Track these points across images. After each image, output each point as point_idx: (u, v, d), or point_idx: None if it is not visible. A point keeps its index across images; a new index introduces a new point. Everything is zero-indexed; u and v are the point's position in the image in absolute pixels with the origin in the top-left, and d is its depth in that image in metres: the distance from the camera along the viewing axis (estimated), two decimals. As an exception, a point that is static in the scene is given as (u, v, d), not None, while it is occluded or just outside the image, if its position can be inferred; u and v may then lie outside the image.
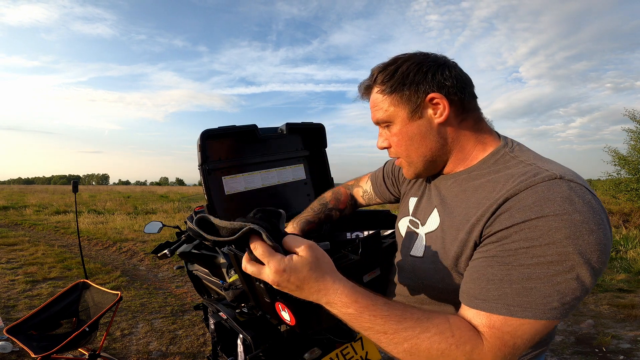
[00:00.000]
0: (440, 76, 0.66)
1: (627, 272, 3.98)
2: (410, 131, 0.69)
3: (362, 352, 1.33)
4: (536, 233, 0.52)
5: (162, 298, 3.49)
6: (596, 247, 0.51)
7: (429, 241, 0.73)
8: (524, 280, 0.53)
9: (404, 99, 0.67)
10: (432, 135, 0.68)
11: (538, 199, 0.54)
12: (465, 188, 0.68)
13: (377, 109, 0.71)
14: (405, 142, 0.70)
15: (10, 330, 1.96)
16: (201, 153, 1.20)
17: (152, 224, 2.08)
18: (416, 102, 0.67)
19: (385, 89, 0.69)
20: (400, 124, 0.69)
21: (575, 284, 0.51)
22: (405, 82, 0.67)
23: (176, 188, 35.70)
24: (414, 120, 0.68)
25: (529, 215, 0.54)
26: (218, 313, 1.49)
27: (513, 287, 0.53)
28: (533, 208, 0.54)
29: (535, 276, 0.52)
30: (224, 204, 1.29)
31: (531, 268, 0.52)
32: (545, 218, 0.52)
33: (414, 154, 0.71)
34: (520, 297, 0.53)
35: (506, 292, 0.54)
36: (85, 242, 6.24)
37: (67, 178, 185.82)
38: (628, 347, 2.38)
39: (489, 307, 0.55)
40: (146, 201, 14.35)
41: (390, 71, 0.68)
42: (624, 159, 10.28)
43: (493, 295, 0.55)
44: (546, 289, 0.52)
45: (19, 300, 3.36)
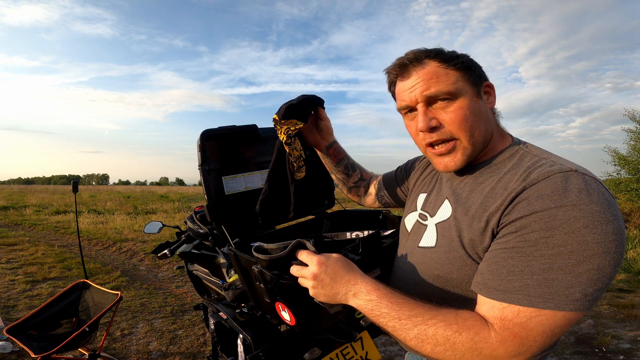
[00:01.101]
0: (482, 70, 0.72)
1: (627, 272, 3.98)
2: (478, 107, 0.68)
3: (362, 352, 1.33)
4: (556, 222, 0.53)
5: (162, 298, 3.48)
6: (614, 236, 0.52)
7: (441, 231, 0.72)
8: (546, 271, 0.53)
9: (473, 77, 0.69)
10: (487, 118, 0.70)
11: (556, 189, 0.55)
12: (481, 180, 0.69)
13: (439, 80, 0.67)
14: (472, 119, 0.67)
15: (10, 330, 1.96)
16: (201, 153, 1.20)
17: (152, 224, 2.08)
18: (479, 84, 0.70)
19: (455, 64, 0.67)
20: (469, 99, 0.67)
21: (597, 274, 0.51)
22: (474, 63, 0.70)
23: (176, 188, 35.73)
24: (479, 99, 0.69)
25: (548, 205, 0.54)
26: (218, 313, 1.49)
27: (534, 278, 0.53)
28: (552, 197, 0.54)
29: (557, 267, 0.52)
30: (224, 204, 1.29)
31: (552, 258, 0.53)
32: (565, 208, 0.53)
33: (477, 132, 0.68)
34: (542, 288, 0.53)
35: (528, 283, 0.54)
36: (85, 242, 6.24)
37: (67, 178, 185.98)
38: (628, 347, 2.38)
39: (508, 298, 0.55)
40: (146, 201, 14.35)
41: (451, 53, 0.70)
42: (624, 159, 10.28)
43: (514, 287, 0.55)
44: (568, 279, 0.52)
45: (19, 300, 3.36)
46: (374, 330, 1.40)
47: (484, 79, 0.71)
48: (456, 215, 0.69)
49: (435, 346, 0.57)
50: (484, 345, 0.54)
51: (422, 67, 0.68)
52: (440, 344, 0.56)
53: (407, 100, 0.71)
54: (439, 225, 0.73)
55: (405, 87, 0.71)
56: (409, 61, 0.70)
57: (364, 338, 1.35)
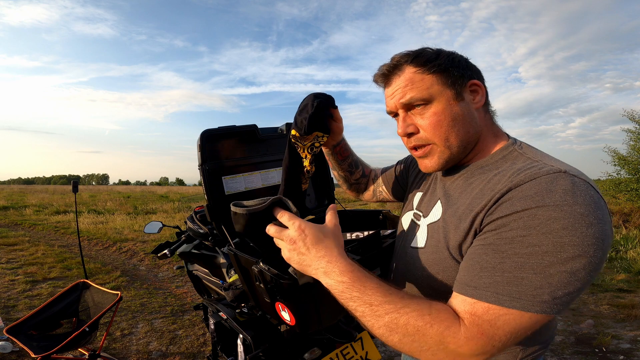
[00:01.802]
0: (474, 66, 0.71)
1: (627, 272, 3.98)
2: (454, 112, 0.67)
3: (362, 352, 1.33)
4: (534, 222, 0.52)
5: (162, 298, 3.49)
6: (593, 240, 0.50)
7: (430, 232, 0.72)
8: (517, 269, 0.52)
9: (451, 79, 0.67)
10: (471, 120, 0.69)
11: (540, 190, 0.54)
12: (472, 181, 0.69)
13: (413, 87, 0.68)
14: (447, 123, 0.67)
15: (10, 330, 1.96)
16: (201, 153, 1.20)
17: (152, 224, 2.08)
18: (461, 84, 0.68)
19: (430, 68, 0.67)
20: (444, 103, 0.67)
21: (569, 277, 0.50)
22: (454, 64, 0.68)
23: (176, 188, 35.72)
24: (458, 101, 0.68)
25: (529, 204, 0.54)
26: (218, 313, 1.49)
27: (505, 275, 0.53)
28: (534, 198, 0.54)
29: (529, 266, 0.52)
30: (224, 204, 1.29)
31: (525, 257, 0.52)
32: (545, 208, 0.52)
33: (452, 137, 0.68)
34: (510, 287, 0.52)
35: (497, 280, 0.53)
36: (85, 242, 6.24)
37: (67, 178, 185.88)
38: (628, 347, 2.38)
39: (477, 294, 0.54)
40: (146, 201, 14.35)
41: (430, 54, 0.69)
42: (624, 159, 10.28)
43: (484, 283, 0.54)
44: (538, 280, 0.51)
45: (19, 300, 3.36)
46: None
47: (467, 78, 0.69)
48: (445, 217, 0.69)
49: (403, 336, 0.55)
50: (451, 340, 0.53)
51: (400, 74, 0.70)
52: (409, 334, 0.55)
53: (390, 107, 0.74)
54: (430, 226, 0.73)
55: (388, 94, 0.74)
56: (388, 70, 0.72)
57: (364, 338, 1.35)
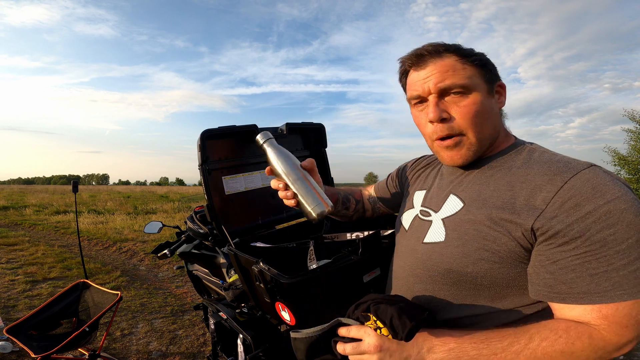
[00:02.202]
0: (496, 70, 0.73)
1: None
2: (490, 105, 0.70)
3: (362, 352, 1.32)
4: (613, 218, 0.55)
5: (162, 298, 3.49)
6: None
7: (450, 225, 0.71)
8: (628, 265, 0.55)
9: (488, 75, 0.70)
10: (496, 116, 0.73)
11: (594, 186, 0.57)
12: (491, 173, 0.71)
13: (455, 74, 0.67)
14: (483, 115, 0.68)
15: (10, 330, 1.96)
16: (201, 153, 1.20)
17: (152, 224, 2.08)
18: (493, 82, 0.71)
19: (473, 60, 0.68)
20: (482, 96, 0.68)
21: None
22: (490, 62, 0.71)
23: (176, 188, 35.71)
24: (490, 97, 0.71)
25: (597, 203, 0.56)
26: (218, 313, 1.49)
27: (620, 273, 0.55)
28: (595, 195, 0.56)
29: (634, 257, 0.54)
30: (224, 204, 1.29)
31: (627, 252, 0.54)
32: (612, 202, 0.55)
33: (486, 129, 0.70)
34: (631, 280, 0.54)
35: (617, 281, 0.55)
36: (85, 242, 6.24)
37: (67, 178, 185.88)
38: (628, 347, 2.38)
39: (604, 298, 0.55)
40: (146, 201, 14.34)
41: (469, 49, 0.71)
42: (624, 159, 10.28)
43: (605, 287, 0.55)
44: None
45: (19, 300, 3.36)
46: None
47: (497, 78, 0.73)
48: (470, 210, 0.69)
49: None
50: (603, 344, 0.55)
51: (440, 59, 0.68)
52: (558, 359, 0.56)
53: (419, 90, 0.71)
54: (446, 220, 0.72)
55: (419, 77, 0.71)
56: (427, 52, 0.70)
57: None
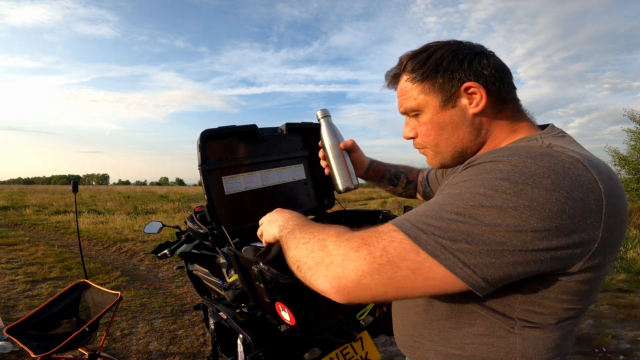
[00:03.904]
0: (477, 64, 0.62)
1: (627, 272, 3.98)
2: (441, 120, 0.66)
3: (362, 352, 1.33)
4: (479, 169, 0.50)
5: (162, 298, 3.49)
6: (537, 206, 0.43)
7: None
8: (431, 203, 0.51)
9: (436, 87, 0.64)
10: (464, 126, 0.65)
11: (506, 152, 0.51)
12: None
13: (405, 97, 0.68)
14: (434, 132, 0.67)
15: (10, 330, 1.96)
16: (201, 153, 1.20)
17: (152, 224, 2.08)
18: (450, 90, 0.63)
19: (416, 77, 0.66)
20: (430, 112, 0.66)
21: (469, 223, 0.45)
22: (439, 70, 0.64)
23: (176, 188, 35.72)
24: (447, 109, 0.65)
25: (485, 159, 0.52)
26: (218, 313, 1.49)
27: (423, 206, 0.52)
28: (493, 154, 0.52)
29: (439, 199, 0.51)
30: (224, 204, 1.29)
31: (443, 197, 0.50)
32: (499, 162, 0.49)
33: (443, 144, 0.68)
34: (424, 218, 0.49)
35: (416, 211, 0.52)
36: (85, 242, 6.24)
37: (67, 178, 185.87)
38: (628, 347, 2.38)
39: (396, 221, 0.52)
40: (146, 201, 14.34)
41: (422, 58, 0.66)
42: (624, 159, 10.29)
43: (408, 215, 0.53)
44: (429, 210, 0.49)
45: (19, 300, 3.36)
46: (374, 330, 1.40)
47: (458, 82, 0.62)
48: None
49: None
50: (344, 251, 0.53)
51: (398, 83, 0.71)
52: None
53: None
54: None
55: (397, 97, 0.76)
56: (392, 77, 0.72)
57: (364, 338, 1.35)
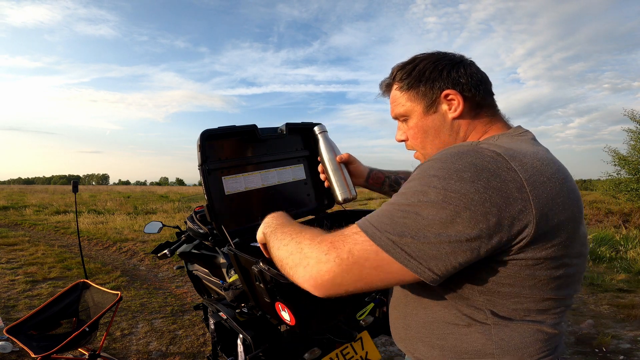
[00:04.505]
0: (455, 74, 0.69)
1: (627, 272, 3.98)
2: (425, 125, 0.73)
3: (362, 352, 1.33)
4: (420, 170, 0.58)
5: (162, 298, 3.49)
6: (460, 197, 0.50)
7: None
8: (387, 202, 0.59)
9: (419, 94, 0.72)
10: (445, 129, 0.72)
11: (442, 153, 0.58)
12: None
13: (395, 104, 0.76)
14: (420, 135, 0.74)
15: (10, 330, 1.96)
16: (201, 153, 1.20)
17: (152, 224, 2.08)
18: (431, 97, 0.71)
19: (403, 86, 0.73)
20: (416, 118, 0.74)
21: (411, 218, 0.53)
22: (422, 79, 0.71)
23: (176, 188, 35.71)
24: (429, 114, 0.72)
25: (426, 163, 0.59)
26: (218, 313, 1.48)
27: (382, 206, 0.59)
28: (434, 155, 0.59)
29: (393, 199, 0.58)
30: (224, 204, 1.29)
31: (396, 196, 0.58)
32: (432, 161, 0.57)
33: (428, 146, 0.75)
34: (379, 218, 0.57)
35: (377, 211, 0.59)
36: (85, 242, 6.24)
37: (67, 178, 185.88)
38: (628, 347, 2.38)
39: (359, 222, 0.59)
40: (146, 201, 14.34)
41: (409, 69, 0.73)
42: (624, 159, 10.29)
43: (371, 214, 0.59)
44: (384, 209, 0.57)
45: (19, 300, 3.36)
46: (374, 330, 1.40)
47: (438, 90, 0.69)
48: None
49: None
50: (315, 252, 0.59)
51: (390, 91, 0.78)
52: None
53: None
54: None
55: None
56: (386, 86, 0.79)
57: (364, 338, 1.35)
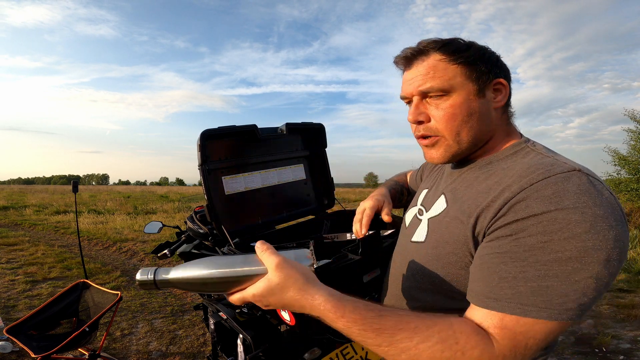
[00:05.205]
0: (504, 65, 0.68)
1: (627, 272, 3.98)
2: (472, 107, 0.65)
3: (362, 352, 1.33)
4: (555, 226, 0.50)
5: (162, 298, 3.48)
6: (615, 243, 0.49)
7: (432, 226, 0.71)
8: (541, 278, 0.50)
9: (477, 73, 0.64)
10: (486, 118, 0.66)
11: (557, 190, 0.51)
12: (478, 174, 0.68)
13: (435, 75, 0.65)
14: (461, 118, 0.65)
15: (10, 330, 1.96)
16: (201, 153, 1.20)
17: (152, 224, 2.08)
18: (485, 80, 0.65)
19: (457, 59, 0.64)
20: (464, 97, 0.64)
21: (594, 283, 0.49)
22: (483, 58, 0.65)
23: (176, 188, 35.71)
24: (479, 97, 0.65)
25: (547, 207, 0.51)
26: (218, 313, 1.48)
27: (528, 285, 0.51)
28: (552, 199, 0.51)
29: (553, 274, 0.49)
30: (224, 204, 1.29)
31: (548, 265, 0.50)
32: (566, 210, 0.50)
33: (464, 132, 0.66)
34: (535, 297, 0.50)
35: (520, 291, 0.51)
36: (85, 242, 6.24)
37: (67, 178, 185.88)
38: (628, 347, 2.38)
39: (501, 306, 0.52)
40: (146, 201, 14.33)
41: (461, 44, 0.66)
42: (624, 159, 10.29)
43: (506, 294, 0.52)
44: (563, 287, 0.49)
45: (19, 300, 3.36)
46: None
47: (494, 75, 0.66)
48: (449, 212, 0.68)
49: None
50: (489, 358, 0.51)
51: (424, 60, 0.67)
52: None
53: (404, 92, 0.71)
54: (431, 221, 0.72)
55: (406, 78, 0.70)
56: (412, 54, 0.68)
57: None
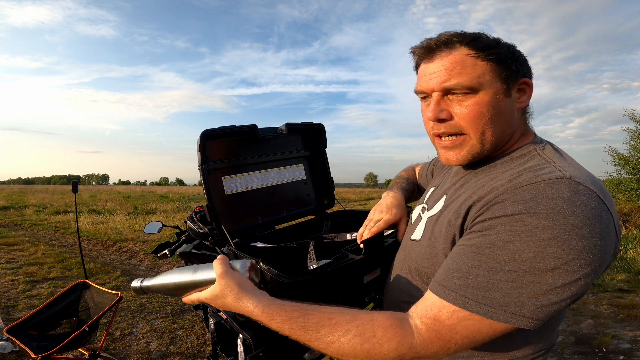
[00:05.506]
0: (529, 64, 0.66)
1: (627, 272, 3.98)
2: (500, 106, 0.62)
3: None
4: (521, 228, 0.49)
5: (162, 298, 3.48)
6: (582, 255, 0.47)
7: (428, 225, 0.71)
8: (490, 274, 0.50)
9: (506, 72, 0.61)
10: (510, 119, 0.64)
11: (536, 195, 0.50)
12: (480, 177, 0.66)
13: (462, 71, 0.60)
14: (488, 117, 0.61)
15: (10, 330, 1.96)
16: (201, 153, 1.19)
17: (152, 224, 2.08)
18: (514, 80, 0.63)
19: (487, 55, 0.60)
20: (491, 95, 0.61)
21: (545, 290, 0.48)
22: (514, 57, 0.62)
23: (176, 188, 35.71)
24: (507, 97, 0.62)
25: (520, 209, 0.50)
26: (218, 313, 1.48)
27: (477, 279, 0.51)
28: (527, 203, 0.50)
29: (503, 272, 0.49)
30: (224, 204, 1.29)
31: (502, 264, 0.49)
32: (536, 215, 0.49)
33: (489, 132, 0.63)
34: (479, 291, 0.51)
35: (468, 284, 0.52)
36: (85, 242, 6.23)
37: (67, 178, 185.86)
38: (628, 347, 2.38)
39: (447, 294, 0.53)
40: (146, 201, 14.33)
41: (489, 40, 0.62)
42: (624, 159, 10.28)
43: (455, 284, 0.53)
44: (509, 288, 0.49)
45: (19, 300, 3.35)
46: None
47: (521, 75, 0.63)
48: (444, 211, 0.68)
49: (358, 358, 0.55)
50: (408, 351, 0.52)
51: (450, 53, 0.62)
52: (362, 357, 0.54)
53: (423, 87, 0.66)
54: (428, 220, 0.73)
55: (426, 71, 0.65)
56: (436, 45, 0.63)
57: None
